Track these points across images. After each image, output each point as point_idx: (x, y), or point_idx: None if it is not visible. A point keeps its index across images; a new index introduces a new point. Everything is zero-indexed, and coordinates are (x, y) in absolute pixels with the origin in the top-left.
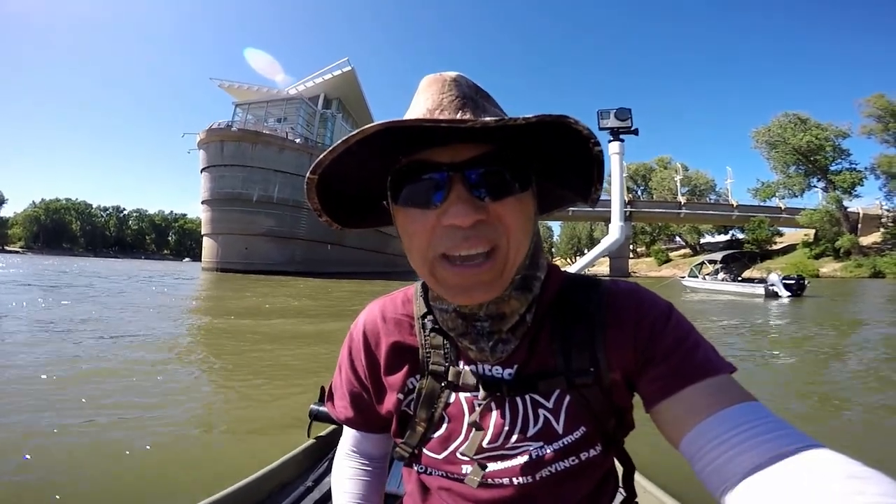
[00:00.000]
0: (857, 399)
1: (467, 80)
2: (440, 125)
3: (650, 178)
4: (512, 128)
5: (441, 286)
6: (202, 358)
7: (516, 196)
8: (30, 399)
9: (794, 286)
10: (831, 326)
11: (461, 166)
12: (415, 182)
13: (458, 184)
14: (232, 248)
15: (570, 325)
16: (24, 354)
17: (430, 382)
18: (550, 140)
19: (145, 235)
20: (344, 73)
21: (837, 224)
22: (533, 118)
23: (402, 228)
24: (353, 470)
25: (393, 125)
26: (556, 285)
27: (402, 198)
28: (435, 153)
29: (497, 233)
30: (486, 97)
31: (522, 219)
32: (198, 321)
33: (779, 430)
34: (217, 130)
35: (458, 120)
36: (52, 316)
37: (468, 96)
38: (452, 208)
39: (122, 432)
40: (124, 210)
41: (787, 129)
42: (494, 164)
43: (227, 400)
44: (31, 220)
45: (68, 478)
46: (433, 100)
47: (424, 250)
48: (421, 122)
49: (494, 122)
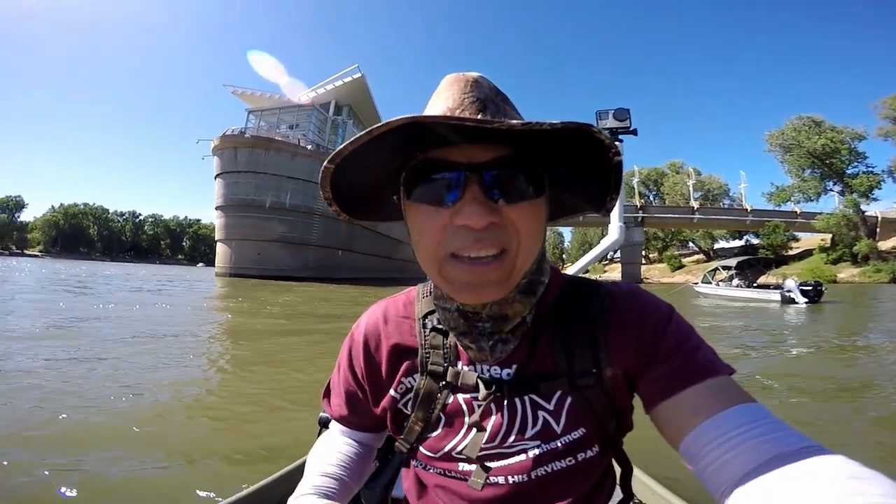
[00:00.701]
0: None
1: (488, 83)
2: (465, 124)
3: (662, 183)
4: (530, 132)
5: (449, 284)
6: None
7: (530, 201)
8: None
9: (811, 292)
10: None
11: (478, 167)
12: (430, 180)
13: (474, 185)
14: (245, 254)
15: (571, 326)
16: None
17: (428, 382)
18: (568, 146)
19: (160, 240)
20: (354, 79)
21: (855, 228)
22: (559, 125)
23: (413, 225)
24: (336, 442)
25: (418, 120)
26: (556, 287)
27: (415, 194)
28: (452, 152)
29: (508, 236)
30: (506, 100)
31: (534, 224)
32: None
33: (778, 431)
34: (231, 137)
35: (485, 120)
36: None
37: (489, 98)
38: (466, 208)
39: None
40: (140, 215)
41: (801, 132)
42: (511, 167)
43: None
44: (49, 225)
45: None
46: (454, 99)
47: (434, 248)
48: (448, 119)
49: (521, 126)
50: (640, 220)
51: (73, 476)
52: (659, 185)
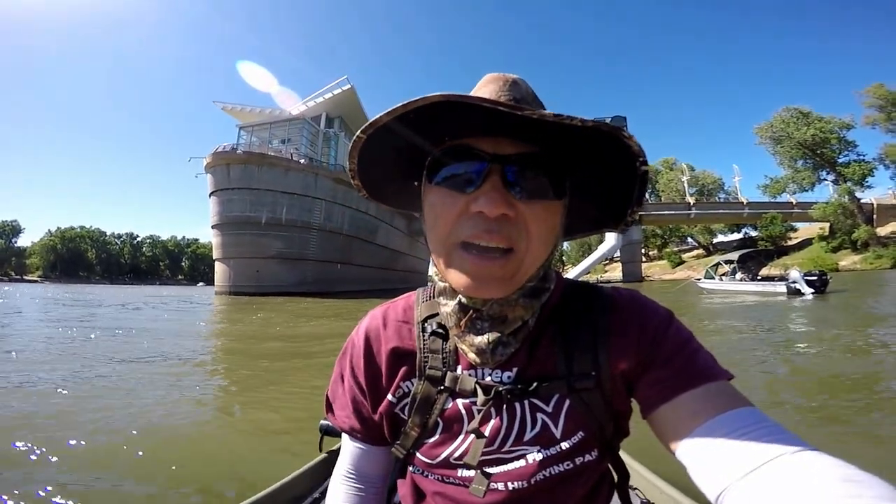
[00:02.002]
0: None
1: (526, 85)
2: (499, 108)
3: (657, 180)
4: (559, 133)
5: (454, 273)
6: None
7: (546, 202)
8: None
9: (816, 282)
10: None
11: (502, 159)
12: (454, 165)
13: (495, 175)
14: (243, 272)
15: (572, 330)
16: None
17: (425, 387)
18: (594, 151)
19: (159, 261)
20: (344, 91)
21: (852, 216)
22: (590, 122)
23: (430, 208)
24: (349, 495)
25: (453, 98)
26: (557, 291)
27: (438, 177)
28: (480, 142)
29: (518, 233)
30: (541, 105)
31: (546, 228)
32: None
33: (775, 434)
34: (223, 154)
35: (518, 106)
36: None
37: (524, 99)
38: (484, 197)
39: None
40: (138, 237)
41: (789, 123)
42: (535, 164)
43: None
44: (47, 250)
45: None
46: (492, 95)
47: (447, 235)
48: (482, 101)
49: (553, 117)
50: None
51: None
52: (654, 183)
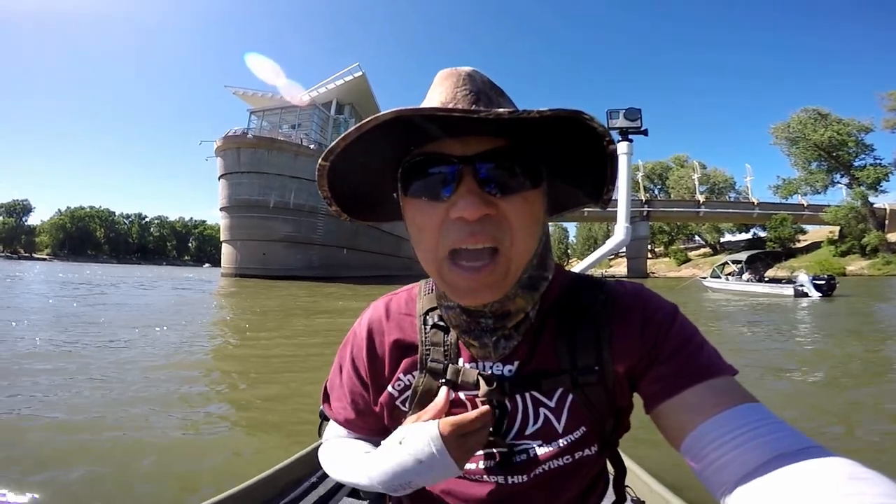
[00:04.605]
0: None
1: (482, 76)
2: (453, 115)
3: (667, 176)
4: (525, 123)
5: (448, 288)
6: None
7: (525, 193)
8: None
9: (824, 286)
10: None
11: (472, 159)
12: (426, 174)
13: (468, 176)
14: (250, 254)
15: (575, 323)
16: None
17: (427, 380)
18: (563, 137)
19: (167, 242)
20: (355, 77)
21: (863, 221)
22: (547, 112)
23: (411, 221)
24: (348, 440)
25: (405, 113)
26: (560, 284)
27: (412, 189)
28: (447, 145)
29: (502, 230)
30: (500, 93)
31: (528, 219)
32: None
33: (780, 431)
34: (233, 138)
35: (472, 111)
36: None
37: (482, 91)
38: (461, 201)
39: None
40: (146, 217)
41: (806, 124)
42: (505, 158)
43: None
44: (57, 228)
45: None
46: (447, 94)
47: (434, 248)
48: (435, 110)
49: (508, 114)
50: (645, 215)
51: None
52: (664, 179)
